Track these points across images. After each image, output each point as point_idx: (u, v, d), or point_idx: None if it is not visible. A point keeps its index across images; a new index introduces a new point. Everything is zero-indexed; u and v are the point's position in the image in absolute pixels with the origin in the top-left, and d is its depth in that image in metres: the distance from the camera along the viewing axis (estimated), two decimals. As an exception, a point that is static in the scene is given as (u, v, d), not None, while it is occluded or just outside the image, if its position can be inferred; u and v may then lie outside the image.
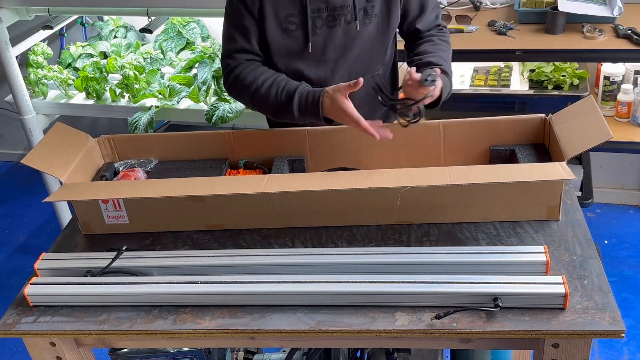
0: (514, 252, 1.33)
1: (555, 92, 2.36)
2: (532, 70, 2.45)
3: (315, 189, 1.42)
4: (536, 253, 1.31)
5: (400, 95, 1.59)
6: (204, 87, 2.63)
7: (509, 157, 1.64)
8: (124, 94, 2.76)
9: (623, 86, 2.40)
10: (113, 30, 3.11)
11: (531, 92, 2.38)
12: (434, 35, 1.72)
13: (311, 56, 1.64)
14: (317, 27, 1.60)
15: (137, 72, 2.72)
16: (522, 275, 1.27)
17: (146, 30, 2.66)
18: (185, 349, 1.58)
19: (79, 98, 2.87)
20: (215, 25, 3.03)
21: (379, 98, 1.63)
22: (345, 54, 1.65)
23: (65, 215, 3.09)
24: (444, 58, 1.64)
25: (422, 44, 1.69)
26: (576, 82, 2.38)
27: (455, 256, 1.33)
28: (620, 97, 2.40)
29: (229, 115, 2.47)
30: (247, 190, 1.45)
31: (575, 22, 2.26)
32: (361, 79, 1.44)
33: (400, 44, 1.81)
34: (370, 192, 1.44)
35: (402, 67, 1.84)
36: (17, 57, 2.80)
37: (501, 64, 2.54)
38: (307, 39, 1.61)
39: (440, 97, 1.55)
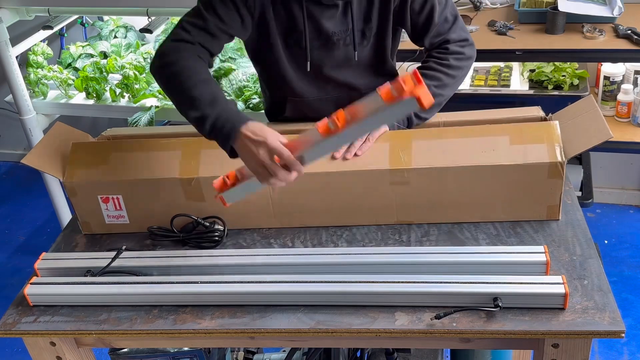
0: (513, 252, 1.33)
1: (555, 92, 2.36)
2: (532, 70, 2.45)
3: (313, 171, 1.42)
4: (536, 253, 1.31)
5: None
6: (204, 87, 2.63)
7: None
8: (124, 94, 2.76)
9: (623, 86, 2.40)
10: (113, 30, 3.11)
11: (531, 92, 2.38)
12: (432, 58, 1.61)
13: (306, 75, 1.61)
14: (314, 48, 1.57)
15: (137, 72, 2.72)
16: (522, 275, 1.27)
17: (146, 30, 2.66)
18: (185, 348, 1.58)
19: (79, 98, 2.87)
20: (215, 25, 3.02)
21: None
22: (341, 73, 1.63)
23: (65, 215, 3.09)
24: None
25: (418, 69, 1.61)
26: (576, 82, 2.38)
27: (455, 256, 1.33)
28: (620, 97, 2.40)
29: (229, 115, 2.46)
30: None
31: (575, 22, 2.26)
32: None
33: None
34: (367, 188, 1.45)
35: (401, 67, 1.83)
36: (17, 57, 2.79)
37: (501, 64, 2.54)
38: (305, 58, 1.57)
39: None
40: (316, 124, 1.20)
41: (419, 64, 1.65)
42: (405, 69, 1.72)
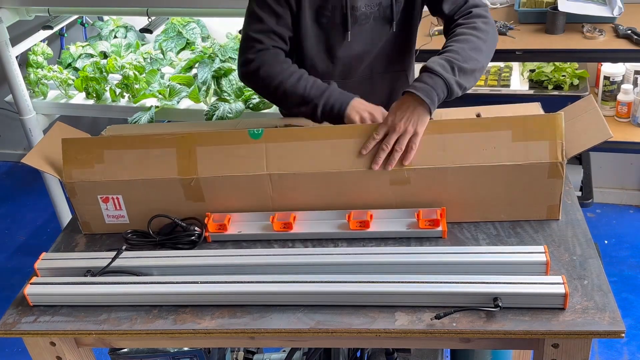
0: (514, 252, 1.33)
1: (555, 92, 2.36)
2: (532, 70, 2.45)
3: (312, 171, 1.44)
4: (536, 253, 1.31)
5: None
6: (204, 87, 2.63)
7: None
8: (124, 94, 2.76)
9: (623, 86, 2.40)
10: (113, 30, 3.11)
11: (531, 92, 2.38)
12: (458, 26, 1.56)
13: (335, 53, 1.63)
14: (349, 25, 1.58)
15: (137, 72, 2.72)
16: (522, 275, 1.27)
17: (146, 30, 2.66)
18: (185, 348, 1.58)
19: (79, 98, 2.87)
20: (215, 25, 3.03)
21: None
22: (370, 49, 1.64)
23: (65, 215, 3.09)
24: (455, 52, 1.48)
25: (447, 39, 1.57)
26: (576, 82, 2.38)
27: (455, 256, 1.33)
28: (620, 97, 2.40)
29: (228, 115, 2.47)
30: (245, 171, 1.46)
31: (575, 22, 2.26)
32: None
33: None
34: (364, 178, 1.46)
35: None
36: (17, 57, 2.80)
37: (501, 64, 2.54)
38: (342, 34, 1.58)
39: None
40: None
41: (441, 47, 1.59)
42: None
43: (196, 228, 1.51)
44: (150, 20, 2.64)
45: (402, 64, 1.71)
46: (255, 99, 2.55)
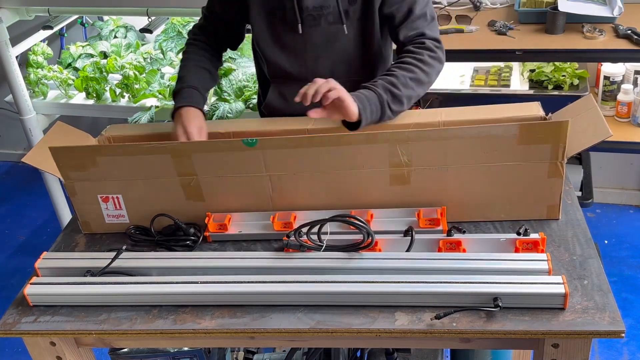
0: (515, 260, 1.32)
1: (555, 92, 2.36)
2: (532, 70, 2.45)
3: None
4: (538, 261, 1.30)
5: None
6: (204, 87, 2.63)
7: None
8: (124, 94, 2.76)
9: (623, 86, 2.40)
10: (113, 30, 3.11)
11: (531, 92, 2.38)
12: (407, 53, 1.59)
13: (290, 51, 1.67)
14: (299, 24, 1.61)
15: (137, 72, 2.72)
16: (522, 275, 1.27)
17: (146, 30, 2.66)
18: (185, 348, 1.58)
19: (79, 98, 2.87)
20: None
21: None
22: (325, 54, 1.66)
23: (65, 215, 3.09)
24: (393, 81, 1.52)
25: (393, 64, 1.59)
26: (576, 82, 2.38)
27: (455, 262, 1.33)
28: (620, 97, 2.40)
29: (228, 115, 2.47)
30: (245, 171, 1.47)
31: (575, 22, 2.26)
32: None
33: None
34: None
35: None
36: (17, 57, 2.80)
37: (501, 64, 2.54)
38: (294, 29, 1.62)
39: (359, 120, 1.48)
40: None
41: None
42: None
43: (197, 232, 1.51)
44: (150, 20, 2.64)
45: (368, 73, 1.69)
46: (256, 99, 2.55)
